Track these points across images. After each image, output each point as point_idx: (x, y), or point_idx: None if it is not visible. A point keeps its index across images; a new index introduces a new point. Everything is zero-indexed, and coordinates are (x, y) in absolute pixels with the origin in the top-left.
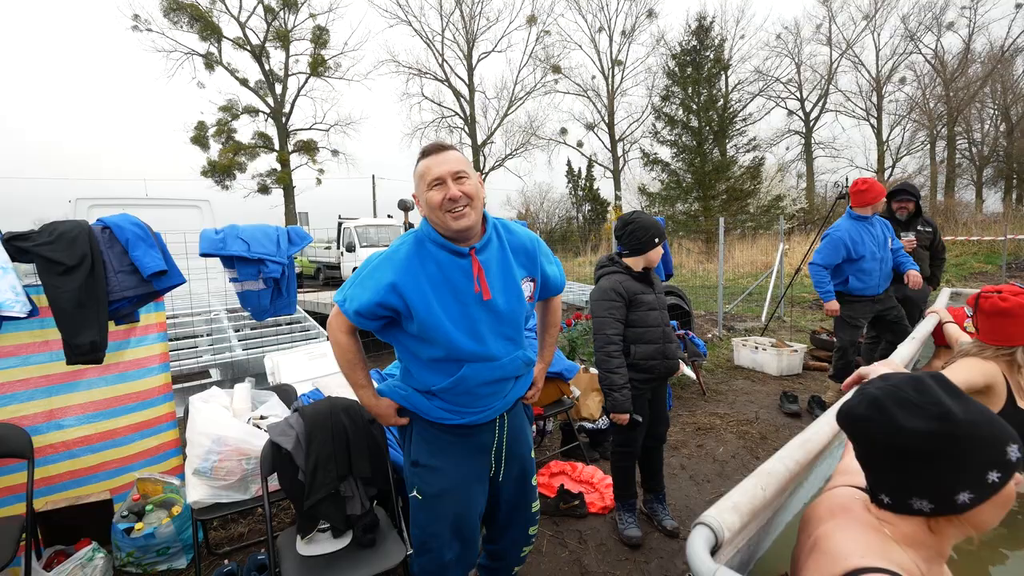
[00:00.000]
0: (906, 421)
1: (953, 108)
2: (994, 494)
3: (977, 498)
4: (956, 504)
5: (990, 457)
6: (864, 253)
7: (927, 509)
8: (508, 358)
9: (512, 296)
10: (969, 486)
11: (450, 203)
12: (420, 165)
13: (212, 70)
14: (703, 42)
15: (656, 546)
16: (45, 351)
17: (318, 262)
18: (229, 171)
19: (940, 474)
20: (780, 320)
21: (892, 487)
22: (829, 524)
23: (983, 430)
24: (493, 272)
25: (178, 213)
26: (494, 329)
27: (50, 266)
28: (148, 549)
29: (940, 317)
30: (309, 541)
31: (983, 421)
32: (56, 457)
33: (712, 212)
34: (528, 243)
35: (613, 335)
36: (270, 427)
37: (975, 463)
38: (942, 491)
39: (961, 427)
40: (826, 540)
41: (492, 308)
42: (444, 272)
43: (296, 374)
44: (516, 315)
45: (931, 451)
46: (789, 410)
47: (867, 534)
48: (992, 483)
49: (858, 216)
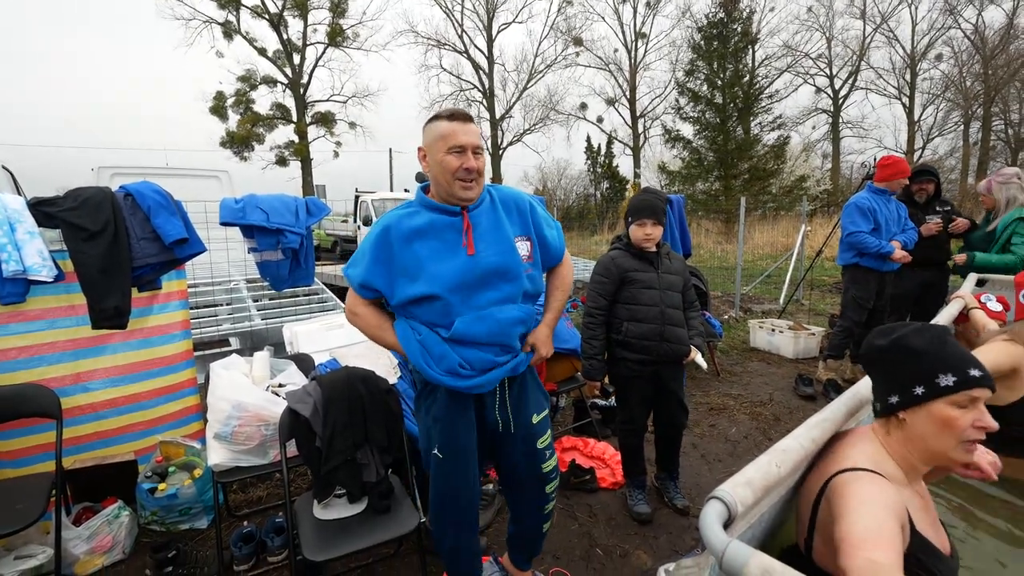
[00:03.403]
0: (874, 339)
1: (991, 87)
2: (916, 404)
3: (901, 402)
4: (888, 404)
5: (919, 375)
6: (882, 223)
7: (878, 407)
8: (502, 314)
9: (504, 251)
10: (898, 392)
11: (465, 173)
12: (443, 125)
13: (231, 39)
14: (731, 14)
15: (665, 522)
16: (71, 315)
17: (335, 235)
18: (247, 142)
19: (886, 379)
20: (798, 303)
21: (875, 393)
22: (844, 440)
23: (922, 356)
24: (483, 228)
25: (198, 183)
26: (484, 282)
27: (75, 231)
28: (171, 509)
29: (966, 303)
30: (325, 506)
31: (930, 350)
32: (84, 419)
33: (733, 192)
34: (521, 203)
35: (593, 308)
36: (288, 394)
37: (906, 374)
38: (882, 394)
39: (903, 346)
40: (839, 450)
41: (480, 263)
42: (434, 227)
43: (313, 344)
44: (509, 269)
45: (883, 360)
46: (804, 393)
47: (870, 446)
48: (916, 395)
49: (878, 190)
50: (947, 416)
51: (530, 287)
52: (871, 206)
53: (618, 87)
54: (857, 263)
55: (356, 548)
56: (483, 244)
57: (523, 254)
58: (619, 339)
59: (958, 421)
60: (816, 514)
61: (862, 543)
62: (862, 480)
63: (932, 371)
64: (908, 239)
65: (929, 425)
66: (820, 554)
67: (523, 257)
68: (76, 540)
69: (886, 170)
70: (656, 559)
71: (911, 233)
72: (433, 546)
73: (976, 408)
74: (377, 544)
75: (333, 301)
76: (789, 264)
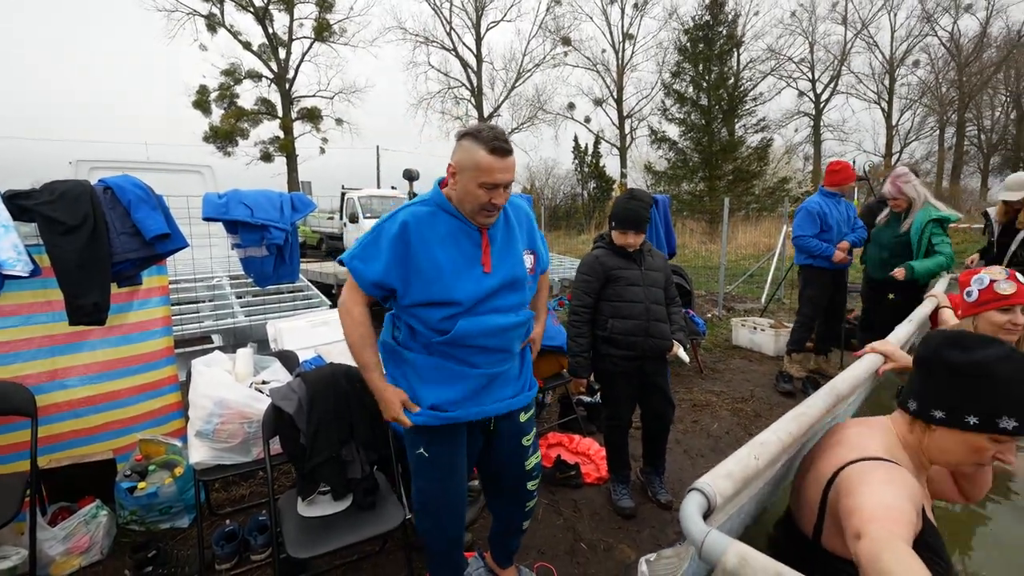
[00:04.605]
0: (946, 348)
1: (965, 94)
2: (960, 429)
3: (945, 420)
4: (929, 415)
5: (981, 407)
6: (833, 225)
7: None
8: (505, 320)
9: (515, 264)
10: (946, 411)
11: (492, 207)
12: (482, 157)
13: (214, 32)
14: (716, 17)
15: (649, 516)
16: (48, 311)
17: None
18: (231, 137)
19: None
20: (780, 302)
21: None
22: (856, 428)
23: (994, 389)
24: (498, 245)
25: (180, 178)
26: (495, 295)
27: (52, 225)
28: (151, 508)
29: (939, 301)
30: (310, 503)
31: (1009, 385)
32: (61, 416)
33: (717, 192)
34: (530, 217)
35: (579, 306)
36: (272, 391)
37: (966, 398)
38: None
39: (982, 371)
40: (851, 438)
41: (494, 279)
42: (453, 235)
43: (298, 341)
44: (516, 281)
45: (950, 373)
46: (784, 389)
47: (886, 437)
48: (966, 423)
49: (829, 193)
50: (981, 447)
51: (529, 296)
52: (821, 210)
53: (606, 87)
54: (811, 263)
55: (341, 545)
56: (498, 260)
57: (528, 266)
58: (604, 336)
59: (987, 453)
60: (826, 499)
61: (879, 517)
62: (882, 467)
63: (997, 409)
64: (858, 238)
65: (959, 446)
66: (830, 537)
67: (528, 269)
68: (52, 541)
69: (835, 175)
70: (639, 552)
71: (860, 232)
72: (418, 542)
73: (1007, 444)
74: (362, 541)
75: (318, 298)
76: (771, 264)
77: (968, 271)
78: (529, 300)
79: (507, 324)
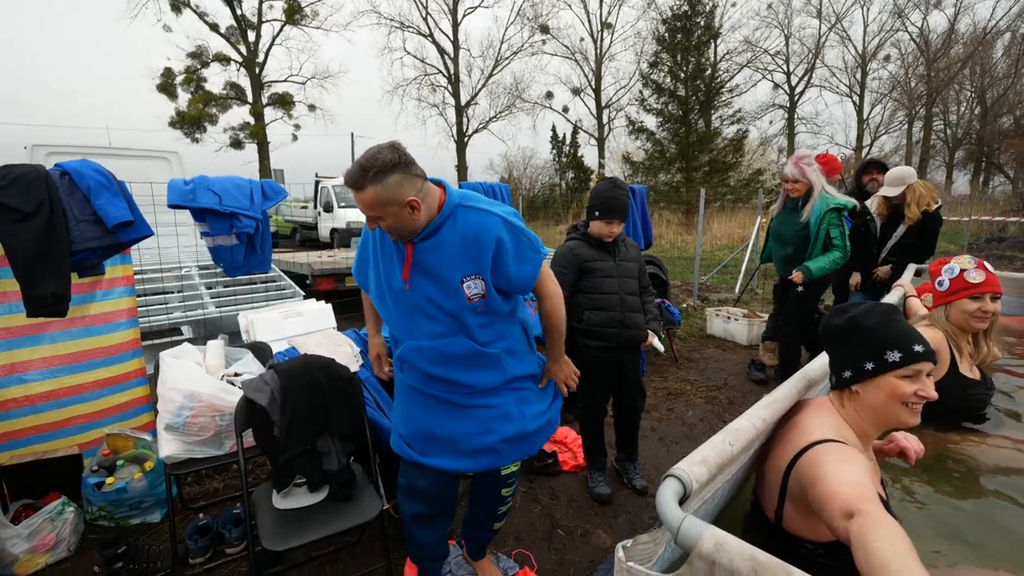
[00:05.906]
0: (831, 318)
1: (933, 88)
2: (866, 378)
3: (854, 377)
4: (842, 378)
5: (869, 352)
6: None
7: (833, 380)
8: (448, 348)
9: (443, 291)
10: (851, 368)
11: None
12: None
13: (179, 12)
14: (695, 7)
15: (625, 502)
16: (3, 302)
17: (294, 222)
18: (199, 123)
19: (840, 356)
20: (753, 292)
21: (831, 367)
22: (806, 412)
23: (871, 333)
24: (428, 262)
25: (145, 164)
26: (422, 314)
27: (5, 212)
28: (120, 503)
29: (905, 291)
30: (285, 495)
31: (879, 328)
32: (20, 412)
33: (694, 184)
34: (485, 240)
35: None
36: (244, 383)
37: (857, 351)
38: (837, 368)
39: (855, 325)
40: (802, 422)
41: (413, 296)
42: (386, 247)
43: (271, 332)
44: (444, 308)
45: (838, 338)
46: (756, 377)
47: (831, 417)
48: (867, 370)
49: None
50: (894, 387)
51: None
52: None
53: (584, 76)
54: None
55: (317, 537)
56: (420, 278)
57: (471, 292)
58: (580, 328)
59: (903, 390)
60: (786, 485)
61: (855, 498)
62: (833, 450)
63: (880, 348)
64: None
65: (879, 396)
66: (790, 520)
67: (476, 295)
68: (15, 539)
69: (823, 167)
70: (616, 538)
71: None
72: (396, 532)
73: (919, 379)
74: (339, 532)
75: (291, 288)
76: (745, 255)
77: (939, 260)
78: (479, 332)
79: (449, 351)
